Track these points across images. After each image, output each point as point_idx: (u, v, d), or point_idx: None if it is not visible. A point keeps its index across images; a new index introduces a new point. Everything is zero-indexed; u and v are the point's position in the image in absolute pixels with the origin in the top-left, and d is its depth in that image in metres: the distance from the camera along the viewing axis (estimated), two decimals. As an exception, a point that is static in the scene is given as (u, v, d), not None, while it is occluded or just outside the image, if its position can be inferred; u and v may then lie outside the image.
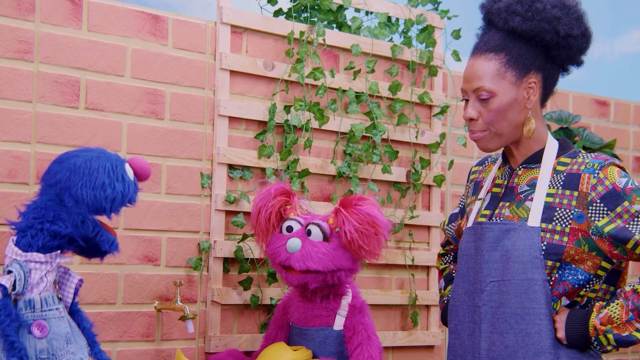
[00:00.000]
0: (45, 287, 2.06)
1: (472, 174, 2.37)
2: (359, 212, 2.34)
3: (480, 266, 2.13)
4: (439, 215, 3.21)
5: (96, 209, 2.07)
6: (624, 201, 2.02)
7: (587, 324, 2.03)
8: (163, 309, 2.59)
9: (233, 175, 2.76)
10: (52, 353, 2.02)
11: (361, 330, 2.42)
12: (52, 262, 2.06)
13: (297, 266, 2.33)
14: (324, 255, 2.34)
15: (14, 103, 2.42)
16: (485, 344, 2.11)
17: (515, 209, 2.12)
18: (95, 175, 2.06)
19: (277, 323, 2.53)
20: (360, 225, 2.32)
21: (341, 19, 3.05)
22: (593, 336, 2.02)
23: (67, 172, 2.07)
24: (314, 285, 2.36)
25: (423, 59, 3.15)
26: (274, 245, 2.39)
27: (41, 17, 2.47)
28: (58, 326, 2.05)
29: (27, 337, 2.01)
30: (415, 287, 3.17)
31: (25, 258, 2.04)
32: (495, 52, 2.11)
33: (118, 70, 2.59)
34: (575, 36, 2.12)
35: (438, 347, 3.23)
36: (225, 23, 2.77)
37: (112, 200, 2.07)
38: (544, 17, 2.09)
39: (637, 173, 3.90)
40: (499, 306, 2.09)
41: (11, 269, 2.02)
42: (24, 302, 2.03)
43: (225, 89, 2.76)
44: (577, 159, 2.12)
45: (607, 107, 3.84)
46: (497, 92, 2.10)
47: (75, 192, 2.05)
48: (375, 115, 3.01)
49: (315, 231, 2.36)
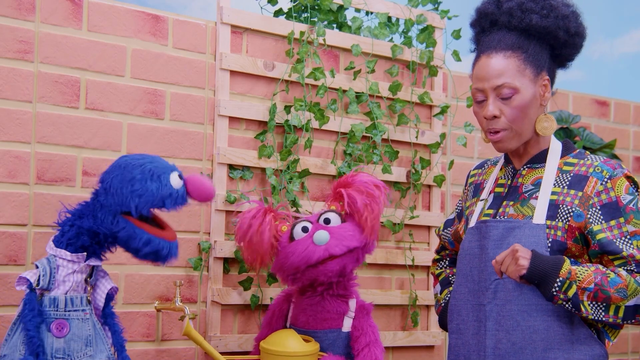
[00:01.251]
0: (72, 287, 2.08)
1: (470, 177, 2.37)
2: (359, 184, 2.42)
3: (485, 264, 2.14)
4: (439, 215, 3.21)
5: (122, 203, 2.06)
6: (621, 217, 2.04)
7: (561, 264, 2.00)
8: (163, 309, 2.59)
9: (233, 175, 2.76)
10: (68, 354, 2.04)
11: (369, 331, 2.44)
12: (79, 262, 2.08)
13: (338, 250, 2.36)
14: (353, 231, 2.41)
15: (14, 103, 2.42)
16: (491, 342, 2.11)
17: (519, 208, 2.12)
18: (130, 170, 2.07)
19: (272, 327, 2.53)
20: (367, 195, 2.42)
21: (341, 19, 3.05)
22: (563, 277, 1.98)
23: (110, 168, 2.11)
24: (350, 266, 2.40)
25: (423, 59, 3.15)
26: (299, 250, 2.37)
27: (41, 17, 2.47)
28: (80, 328, 2.06)
29: (47, 334, 2.03)
30: (416, 287, 3.17)
31: (55, 252, 2.08)
32: (513, 49, 2.11)
33: (118, 70, 2.59)
34: (581, 34, 2.15)
35: (438, 347, 3.23)
36: (226, 23, 2.77)
37: (138, 196, 2.05)
38: (558, 14, 2.11)
39: (637, 173, 3.90)
40: (504, 303, 2.09)
41: (38, 264, 2.06)
42: (48, 300, 2.05)
43: (226, 89, 2.76)
44: (585, 160, 2.12)
45: (607, 107, 3.83)
46: (520, 89, 2.09)
47: (108, 184, 2.07)
48: (375, 116, 3.01)
49: (333, 217, 2.42)
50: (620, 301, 1.98)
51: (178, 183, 2.10)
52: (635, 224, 2.04)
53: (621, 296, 1.98)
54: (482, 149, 3.41)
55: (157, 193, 2.06)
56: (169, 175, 2.09)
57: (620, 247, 2.02)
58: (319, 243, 2.35)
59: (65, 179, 2.48)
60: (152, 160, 2.11)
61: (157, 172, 2.08)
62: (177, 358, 2.66)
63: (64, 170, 2.49)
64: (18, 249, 2.41)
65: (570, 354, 2.05)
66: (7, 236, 2.39)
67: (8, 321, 2.37)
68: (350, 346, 2.45)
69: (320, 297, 2.45)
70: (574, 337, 2.06)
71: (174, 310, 2.58)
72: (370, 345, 2.42)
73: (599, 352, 2.08)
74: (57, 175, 2.48)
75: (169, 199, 2.08)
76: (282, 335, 2.37)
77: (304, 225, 2.41)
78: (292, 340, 2.35)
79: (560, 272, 1.99)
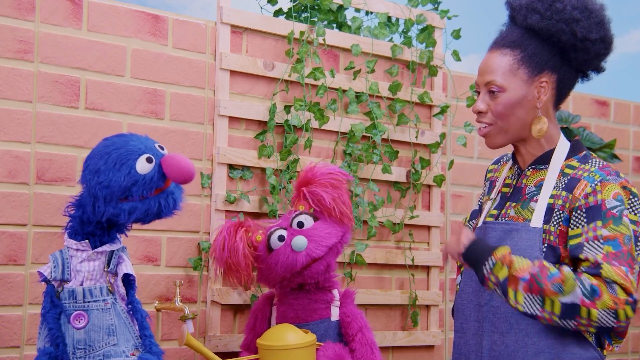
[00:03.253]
0: (87, 277, 2.09)
1: (488, 172, 2.36)
2: (320, 177, 2.42)
3: None
4: (439, 215, 3.21)
5: (93, 194, 2.05)
6: (599, 220, 1.99)
7: (498, 248, 1.98)
8: (163, 309, 2.59)
9: (233, 175, 2.76)
10: (89, 344, 2.06)
11: (359, 316, 2.48)
12: (86, 250, 2.09)
13: (319, 252, 2.37)
14: (328, 229, 2.41)
15: (14, 103, 2.42)
16: (487, 343, 2.11)
17: (520, 210, 2.12)
18: (97, 160, 2.06)
19: (256, 331, 2.53)
20: (332, 187, 2.41)
21: (341, 19, 3.05)
22: (495, 259, 1.97)
23: (88, 156, 2.10)
24: (333, 262, 2.43)
25: (423, 59, 3.15)
26: (281, 260, 2.37)
27: (41, 17, 2.47)
28: (100, 318, 2.08)
29: (67, 326, 2.05)
30: (415, 287, 3.17)
31: (67, 243, 2.11)
32: (511, 48, 2.11)
33: (118, 70, 2.59)
34: (593, 40, 2.09)
35: (438, 347, 3.23)
36: (225, 23, 2.77)
37: (105, 187, 2.03)
38: (562, 17, 2.08)
39: (637, 173, 3.90)
40: (499, 305, 2.09)
41: (50, 256, 2.09)
42: (67, 292, 2.07)
43: (225, 89, 2.76)
44: (585, 165, 2.09)
45: (607, 107, 3.83)
46: (507, 88, 2.10)
47: (83, 175, 2.08)
48: (375, 115, 3.01)
49: (306, 219, 2.41)
50: (555, 295, 1.93)
51: (146, 167, 2.05)
52: (612, 229, 1.98)
53: (556, 290, 1.92)
54: (482, 149, 3.41)
55: (122, 182, 2.03)
56: (135, 162, 2.05)
57: (586, 250, 1.97)
58: (298, 250, 2.35)
59: (65, 179, 2.48)
60: (121, 146, 2.06)
61: (122, 159, 2.04)
62: (177, 358, 2.67)
63: (64, 170, 2.49)
64: (18, 249, 2.41)
65: (561, 357, 2.04)
66: (7, 236, 2.40)
67: (8, 321, 2.38)
68: (340, 334, 2.47)
69: (306, 291, 2.46)
70: (565, 340, 2.04)
71: (174, 310, 2.58)
72: (362, 329, 2.46)
73: (592, 356, 2.05)
74: (57, 175, 2.48)
75: (135, 187, 2.03)
76: (280, 330, 2.36)
77: (279, 234, 2.39)
78: (292, 333, 2.34)
79: (494, 253, 1.97)
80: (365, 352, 2.43)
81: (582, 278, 1.94)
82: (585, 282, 1.93)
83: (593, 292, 1.92)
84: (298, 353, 2.31)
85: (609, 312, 1.92)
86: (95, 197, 2.05)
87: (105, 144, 2.10)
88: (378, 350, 2.47)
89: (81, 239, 2.10)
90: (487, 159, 3.41)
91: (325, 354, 2.35)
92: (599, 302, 1.91)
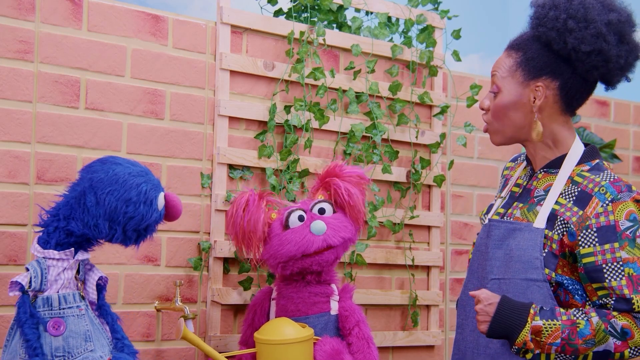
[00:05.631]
0: (63, 285, 2.08)
1: (505, 169, 2.36)
2: (347, 174, 2.49)
3: (485, 263, 2.15)
4: (439, 215, 3.21)
5: (112, 219, 2.08)
6: (615, 242, 1.99)
7: (526, 319, 1.98)
8: (163, 309, 2.59)
9: (233, 175, 2.76)
10: (68, 351, 2.04)
11: (356, 311, 2.50)
12: (68, 259, 2.09)
13: (335, 241, 2.41)
14: (345, 223, 2.46)
15: (14, 103, 2.42)
16: (483, 340, 2.13)
17: (525, 212, 2.12)
18: (127, 188, 2.08)
19: (254, 326, 2.53)
20: (357, 186, 2.48)
21: (341, 19, 3.05)
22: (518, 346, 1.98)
23: (103, 174, 2.09)
24: (340, 256, 2.46)
25: (423, 59, 3.15)
26: (296, 238, 2.40)
27: (41, 17, 2.47)
28: (76, 324, 2.07)
29: (44, 334, 2.03)
30: (416, 287, 3.17)
31: (43, 255, 2.08)
32: (516, 50, 2.13)
33: (118, 70, 2.59)
34: (585, 52, 2.04)
35: (438, 347, 3.23)
36: (226, 23, 2.77)
37: (129, 218, 2.08)
38: (554, 26, 2.06)
39: (637, 173, 3.90)
40: None
41: (28, 267, 2.06)
42: (42, 300, 2.05)
43: (226, 89, 2.76)
44: (596, 177, 2.06)
45: (607, 107, 3.83)
46: (502, 89, 2.12)
47: (101, 195, 2.07)
48: (375, 115, 3.01)
49: (328, 207, 2.46)
50: (588, 350, 1.97)
51: (162, 204, 2.14)
52: (629, 252, 1.98)
53: (589, 346, 1.97)
54: (482, 149, 3.41)
55: (146, 218, 2.09)
56: (158, 199, 2.12)
57: (606, 275, 1.98)
58: (317, 233, 2.39)
59: (65, 179, 2.48)
60: (147, 179, 2.12)
61: (151, 195, 2.10)
62: (177, 358, 2.67)
63: (64, 170, 2.49)
64: (18, 249, 2.41)
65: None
66: (7, 236, 2.39)
67: (8, 321, 2.37)
68: (338, 328, 2.48)
69: (306, 283, 2.48)
70: None
71: (174, 310, 2.58)
72: (359, 323, 2.47)
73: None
74: (57, 175, 2.48)
75: (153, 225, 2.12)
76: (277, 324, 2.36)
77: (300, 214, 2.42)
78: (289, 327, 2.34)
79: (516, 342, 1.99)
80: (362, 347, 2.45)
81: (612, 322, 1.96)
82: (617, 325, 1.96)
83: (624, 334, 1.96)
84: (295, 347, 2.31)
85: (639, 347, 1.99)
86: (116, 222, 2.08)
87: (132, 171, 2.11)
88: (374, 345, 2.48)
89: (63, 249, 2.09)
90: (487, 159, 3.41)
91: (323, 349, 2.36)
92: (631, 342, 1.97)
